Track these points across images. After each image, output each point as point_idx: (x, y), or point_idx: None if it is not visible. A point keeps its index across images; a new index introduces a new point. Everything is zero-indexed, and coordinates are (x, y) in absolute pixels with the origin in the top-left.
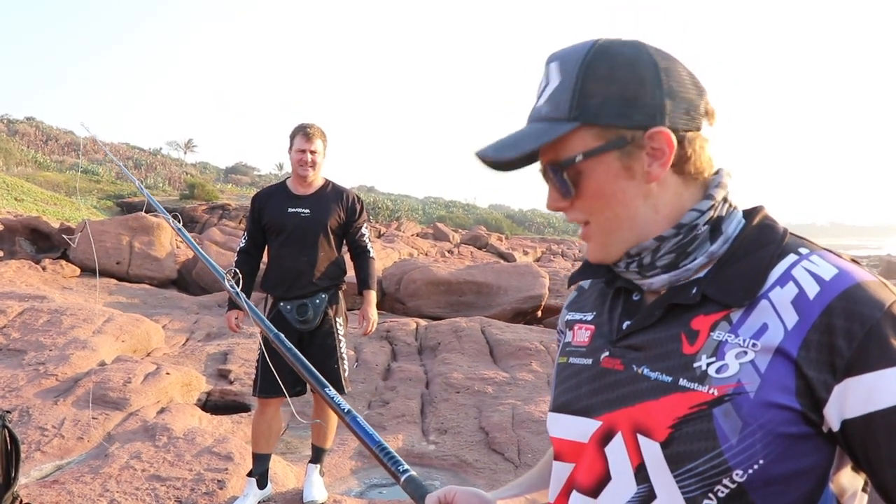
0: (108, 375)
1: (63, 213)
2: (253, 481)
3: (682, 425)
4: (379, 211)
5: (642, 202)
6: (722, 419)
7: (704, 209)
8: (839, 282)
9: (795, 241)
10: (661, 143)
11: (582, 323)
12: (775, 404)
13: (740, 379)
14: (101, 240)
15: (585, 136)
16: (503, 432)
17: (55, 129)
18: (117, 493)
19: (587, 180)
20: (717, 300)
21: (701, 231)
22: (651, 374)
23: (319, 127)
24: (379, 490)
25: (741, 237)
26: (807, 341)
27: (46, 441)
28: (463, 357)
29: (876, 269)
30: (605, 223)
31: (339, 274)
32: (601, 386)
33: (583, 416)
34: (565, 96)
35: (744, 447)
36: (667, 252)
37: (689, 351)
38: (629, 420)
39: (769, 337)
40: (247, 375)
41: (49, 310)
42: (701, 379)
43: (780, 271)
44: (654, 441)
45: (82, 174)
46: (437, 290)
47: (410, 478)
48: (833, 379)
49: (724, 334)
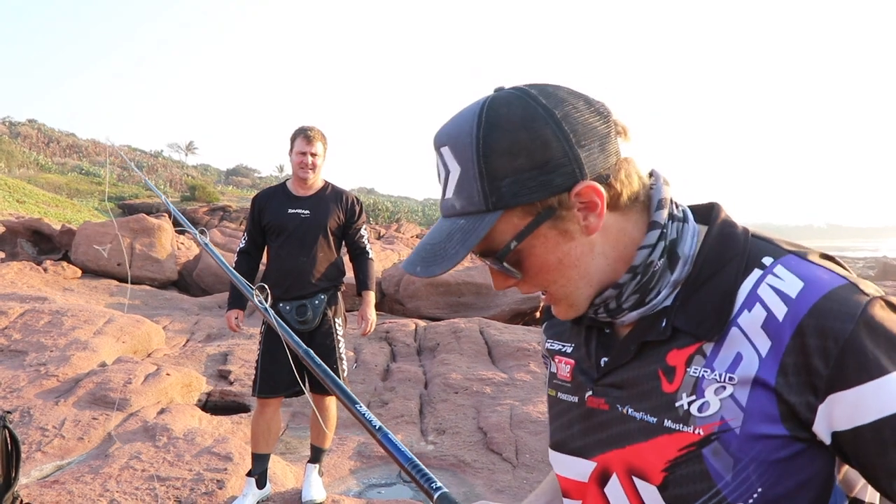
0: (109, 376)
1: (64, 215)
2: (252, 481)
3: (676, 468)
4: (379, 213)
5: (590, 256)
6: (713, 459)
7: (654, 242)
8: (807, 297)
9: (758, 246)
10: (590, 197)
11: (562, 356)
12: (763, 435)
13: (723, 416)
14: (102, 241)
15: (511, 220)
16: (501, 432)
17: (57, 132)
18: (117, 493)
19: (529, 259)
20: (688, 332)
21: (658, 266)
22: (636, 415)
23: (320, 129)
24: (378, 490)
25: (703, 253)
26: (783, 366)
27: (47, 441)
28: (461, 358)
29: (872, 271)
30: (562, 288)
31: (337, 275)
32: (590, 426)
33: (578, 456)
34: (474, 187)
35: (739, 481)
36: (630, 294)
37: (668, 389)
38: (622, 462)
39: (745, 368)
40: (247, 376)
41: (50, 311)
42: (685, 419)
43: (745, 291)
44: (650, 485)
45: (84, 175)
46: (436, 292)
47: (443, 495)
48: (816, 399)
49: (699, 369)
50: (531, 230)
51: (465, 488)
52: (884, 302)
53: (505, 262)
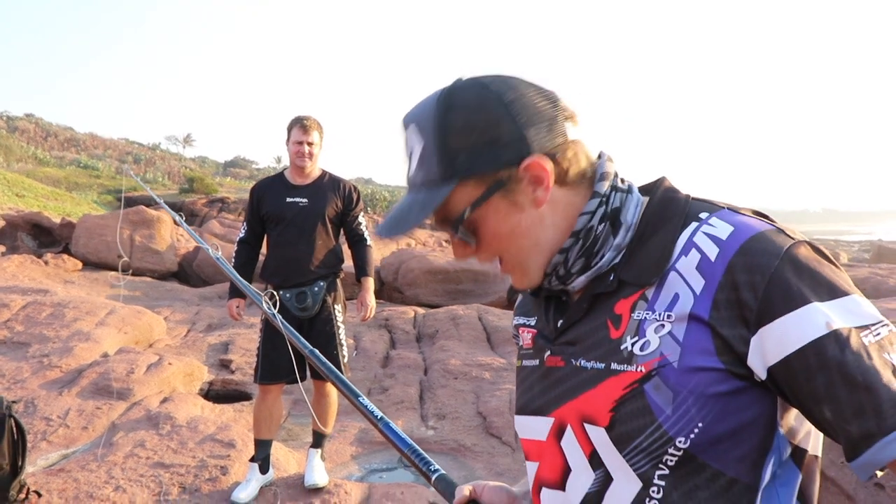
0: (112, 366)
1: (64, 209)
2: (255, 466)
3: (621, 407)
4: (377, 202)
5: (540, 227)
6: (654, 393)
7: (593, 209)
8: (736, 238)
9: (697, 205)
10: (537, 171)
11: (525, 327)
12: (699, 368)
13: (662, 352)
14: (102, 234)
15: (466, 190)
16: (500, 417)
17: (55, 126)
18: (122, 481)
19: (483, 227)
20: (632, 282)
21: (599, 230)
22: (587, 365)
23: (316, 119)
24: (379, 475)
25: (645, 217)
26: (716, 301)
27: (52, 431)
28: (460, 344)
29: (867, 254)
30: (514, 256)
31: (336, 262)
32: (548, 384)
33: (538, 415)
34: (433, 160)
35: (679, 415)
36: (575, 259)
37: (615, 335)
38: (575, 412)
39: (681, 306)
40: (248, 365)
41: (52, 303)
42: (629, 359)
43: (682, 241)
44: (599, 427)
45: (82, 169)
46: (434, 279)
47: (441, 476)
48: (748, 332)
49: (642, 313)
50: (484, 199)
51: (466, 472)
52: (808, 245)
53: (461, 230)
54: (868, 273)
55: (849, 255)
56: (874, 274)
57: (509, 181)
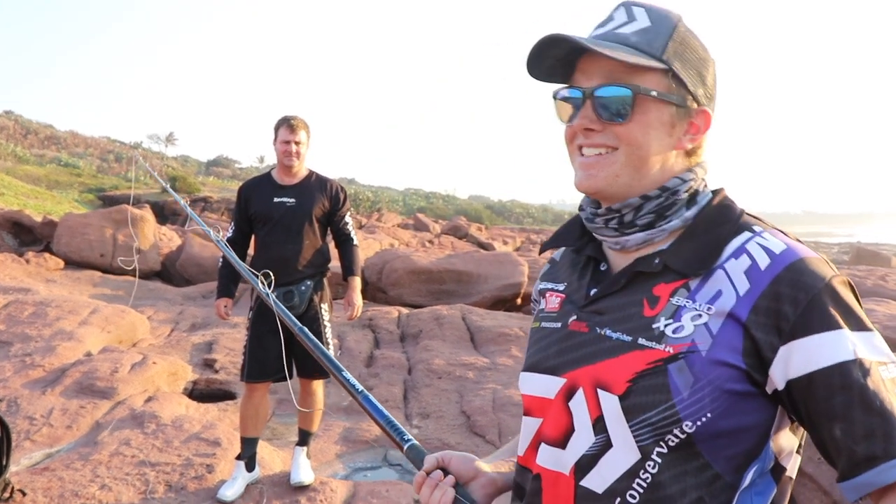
0: (96, 365)
1: (45, 207)
2: (241, 464)
3: (640, 379)
4: (360, 202)
5: (659, 159)
6: (676, 374)
7: (687, 179)
8: (788, 255)
9: (750, 220)
10: (703, 123)
11: (554, 291)
12: (724, 362)
13: (694, 339)
14: (85, 232)
15: (661, 80)
16: (484, 416)
17: (35, 123)
18: (108, 479)
19: (643, 114)
20: (677, 270)
21: (681, 197)
22: (613, 335)
23: (302, 119)
24: (364, 473)
25: (703, 213)
26: (756, 306)
27: (35, 430)
28: (444, 344)
29: (846, 256)
30: (630, 156)
31: (323, 262)
32: (567, 346)
33: (550, 374)
34: (660, 40)
35: (694, 400)
36: (648, 212)
37: (649, 314)
38: (590, 377)
39: (722, 302)
40: (232, 364)
41: (34, 302)
42: (658, 338)
43: (735, 245)
44: (612, 394)
45: (63, 167)
46: (418, 279)
47: (412, 445)
48: (779, 341)
49: (682, 300)
50: (666, 98)
51: None
52: (846, 280)
53: (624, 100)
54: (847, 274)
55: (828, 257)
56: (852, 275)
57: (686, 108)
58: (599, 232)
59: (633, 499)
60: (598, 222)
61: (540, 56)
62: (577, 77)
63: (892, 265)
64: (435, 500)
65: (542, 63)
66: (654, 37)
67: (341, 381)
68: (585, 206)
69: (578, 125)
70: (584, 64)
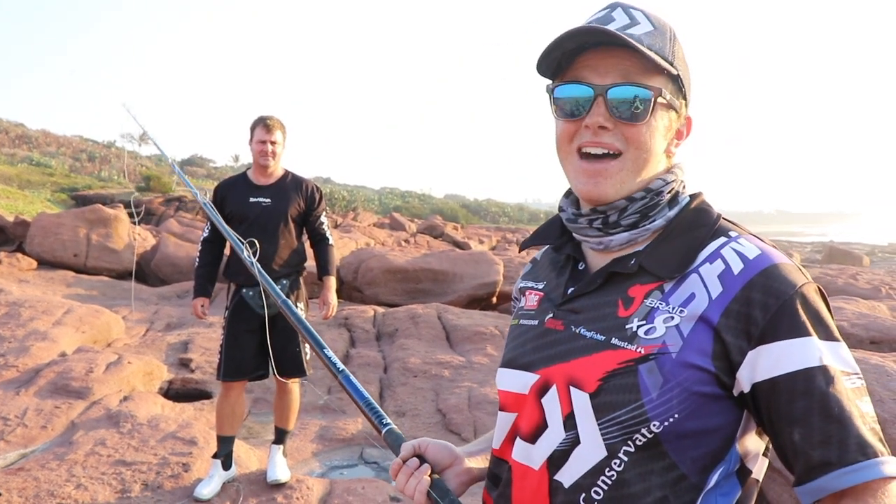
0: (70, 365)
1: (16, 207)
2: (218, 463)
3: (611, 378)
4: (335, 202)
5: (654, 163)
6: (646, 375)
7: (669, 180)
8: (761, 261)
9: (726, 225)
10: (686, 130)
11: (533, 290)
12: (693, 365)
13: (665, 340)
14: (58, 232)
15: (670, 85)
16: (460, 413)
17: (5, 122)
18: (84, 479)
19: (654, 118)
20: (653, 272)
21: (664, 198)
22: (587, 334)
23: (279, 119)
24: (340, 471)
25: (680, 216)
26: (728, 310)
27: (10, 430)
28: (420, 342)
29: (819, 255)
30: (635, 160)
31: (299, 261)
32: (542, 344)
33: (525, 370)
34: (665, 44)
35: (662, 401)
36: (633, 212)
37: (623, 314)
38: (563, 374)
39: (695, 305)
40: (207, 364)
41: (7, 302)
42: (631, 339)
43: (710, 250)
44: (584, 392)
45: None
46: (394, 278)
47: (390, 430)
48: (748, 345)
49: (656, 302)
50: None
51: None
52: (817, 288)
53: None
54: (819, 273)
55: (801, 256)
56: (824, 274)
57: (679, 113)
58: (582, 232)
59: (598, 495)
60: (581, 223)
61: (560, 47)
62: (583, 73)
63: (863, 264)
64: (410, 487)
65: (551, 55)
66: (662, 41)
67: (323, 359)
68: (566, 207)
69: (593, 122)
70: (592, 60)
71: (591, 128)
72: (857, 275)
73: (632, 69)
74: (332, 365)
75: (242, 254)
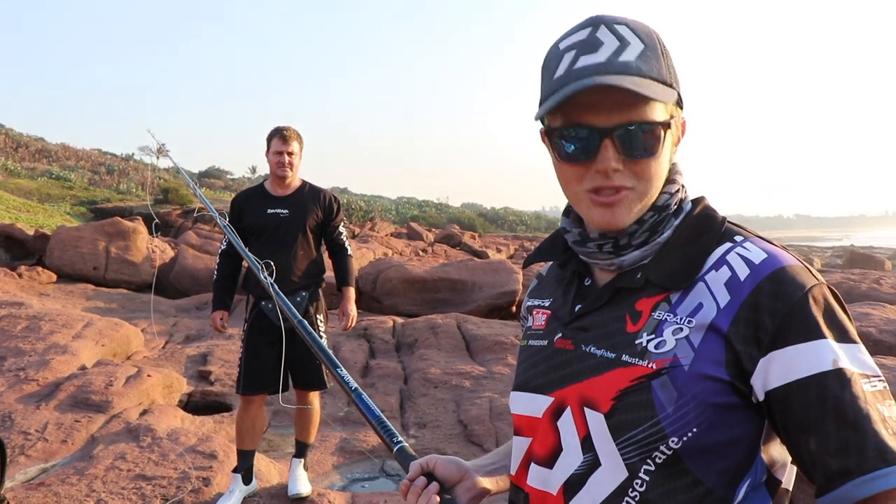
0: (90, 379)
1: (37, 220)
2: (238, 477)
3: (624, 397)
4: (353, 212)
5: (660, 179)
6: (659, 390)
7: (673, 191)
8: (768, 265)
9: (732, 229)
10: (683, 130)
11: (540, 308)
12: (707, 376)
13: (676, 353)
14: (77, 245)
15: (672, 107)
16: (481, 425)
17: (25, 136)
18: (104, 494)
19: (662, 147)
20: (659, 284)
21: (671, 210)
22: (597, 352)
23: (295, 129)
24: (361, 484)
25: (684, 223)
26: (737, 318)
27: (30, 445)
28: (440, 353)
29: (840, 260)
30: (644, 190)
31: (318, 272)
32: (553, 365)
33: (538, 393)
34: (660, 63)
35: (679, 416)
36: (643, 231)
37: (632, 329)
38: (577, 395)
39: (703, 315)
40: (227, 376)
41: (27, 316)
42: (641, 354)
43: (715, 257)
44: (598, 413)
45: (54, 180)
46: (412, 288)
47: (401, 448)
48: (758, 352)
49: (663, 314)
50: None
51: None
52: (830, 289)
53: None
54: (841, 278)
55: (822, 261)
56: (847, 279)
57: (674, 121)
58: (592, 256)
59: None
60: (590, 247)
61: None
62: (584, 115)
63: (886, 268)
64: None
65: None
66: (655, 61)
67: (336, 378)
68: (571, 228)
69: (605, 167)
70: (592, 98)
71: (603, 172)
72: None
73: (636, 103)
74: (346, 384)
75: (260, 275)
